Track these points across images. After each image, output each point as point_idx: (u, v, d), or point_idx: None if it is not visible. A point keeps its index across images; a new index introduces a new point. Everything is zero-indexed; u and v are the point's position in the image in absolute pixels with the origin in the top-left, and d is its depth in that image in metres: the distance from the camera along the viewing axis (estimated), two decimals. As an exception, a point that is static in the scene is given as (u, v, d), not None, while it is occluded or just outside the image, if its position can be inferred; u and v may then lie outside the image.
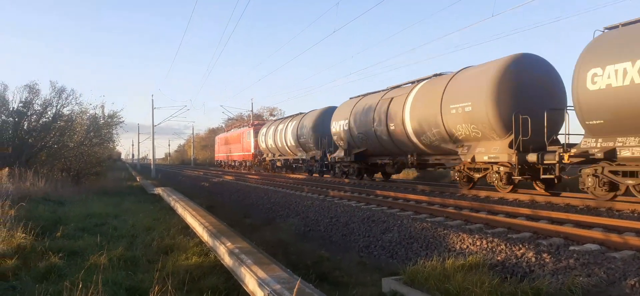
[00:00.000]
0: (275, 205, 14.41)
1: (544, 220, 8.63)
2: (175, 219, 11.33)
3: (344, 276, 6.82)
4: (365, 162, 21.15)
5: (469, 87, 13.64)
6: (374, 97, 19.72)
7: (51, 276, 6.25)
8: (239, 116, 69.01)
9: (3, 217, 8.55)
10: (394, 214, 9.94)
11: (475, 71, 14.09)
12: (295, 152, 29.45)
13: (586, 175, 10.36)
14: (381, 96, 19.13)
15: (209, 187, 24.99)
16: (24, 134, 21.23)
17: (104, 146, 30.20)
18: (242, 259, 5.81)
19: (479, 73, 13.69)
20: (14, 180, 15.27)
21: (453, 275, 5.38)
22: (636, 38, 9.27)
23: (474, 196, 12.94)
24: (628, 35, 9.51)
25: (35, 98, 21.51)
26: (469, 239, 7.22)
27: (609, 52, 9.63)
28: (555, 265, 5.70)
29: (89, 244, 8.12)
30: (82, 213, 11.75)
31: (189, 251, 7.70)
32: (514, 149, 12.02)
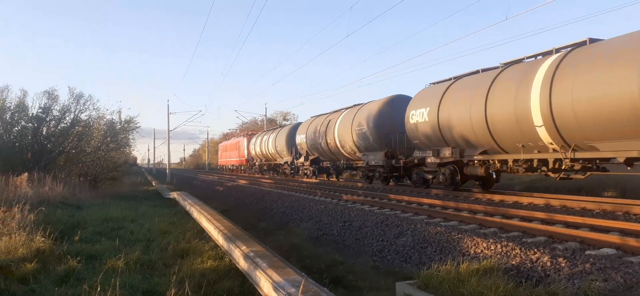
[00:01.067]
0: (289, 209, 14.46)
1: (559, 224, 8.56)
2: (191, 223, 11.44)
3: (357, 280, 6.84)
4: (318, 165, 27.71)
5: (364, 117, 20.60)
6: (320, 119, 26.56)
7: (70, 280, 6.36)
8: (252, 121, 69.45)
9: (23, 221, 8.70)
10: (407, 219, 9.92)
11: (370, 105, 20.91)
12: (275, 157, 35.86)
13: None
14: (324, 118, 25.95)
15: (223, 191, 25.16)
16: (43, 140, 21.59)
17: (120, 151, 30.59)
18: (256, 263, 5.86)
19: (371, 107, 20.66)
20: (33, 185, 15.53)
21: (467, 279, 5.37)
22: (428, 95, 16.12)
23: (488, 200, 12.86)
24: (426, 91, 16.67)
25: (54, 104, 21.88)
26: (483, 244, 7.19)
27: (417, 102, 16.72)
28: (571, 269, 5.65)
29: (107, 248, 8.24)
30: (100, 217, 11.91)
31: (204, 255, 7.78)
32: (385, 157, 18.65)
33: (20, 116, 21.14)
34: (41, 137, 21.52)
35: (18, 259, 6.78)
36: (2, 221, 8.50)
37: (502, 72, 13.20)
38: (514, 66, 13.08)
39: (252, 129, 59.02)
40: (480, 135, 13.48)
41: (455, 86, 15.23)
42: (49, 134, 22.01)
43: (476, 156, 14.00)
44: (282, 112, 72.66)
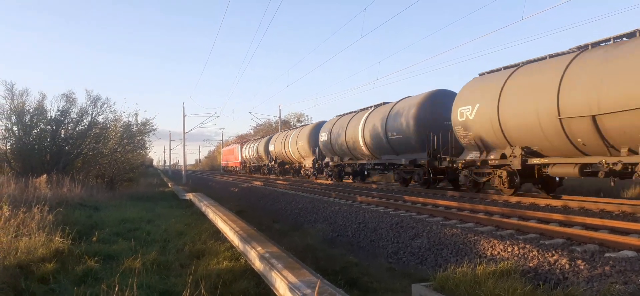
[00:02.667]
0: (303, 210, 14.48)
1: (578, 226, 8.44)
2: (206, 224, 11.51)
3: (373, 282, 6.82)
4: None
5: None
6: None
7: (88, 280, 6.45)
8: (267, 122, 69.64)
9: (42, 222, 8.84)
10: (423, 220, 9.87)
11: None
12: (259, 161, 47.30)
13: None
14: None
15: (238, 192, 25.28)
16: (61, 142, 21.92)
17: (136, 152, 30.97)
18: (272, 263, 5.88)
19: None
20: (51, 186, 15.77)
21: (484, 282, 5.32)
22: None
23: (504, 201, 12.73)
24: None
25: (71, 107, 22.22)
26: (500, 246, 7.12)
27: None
28: (590, 272, 5.57)
29: (124, 248, 8.32)
30: (117, 218, 12.04)
31: (220, 256, 7.82)
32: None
33: (39, 118, 21.51)
34: (59, 140, 21.85)
35: (38, 259, 6.89)
36: (22, 221, 8.63)
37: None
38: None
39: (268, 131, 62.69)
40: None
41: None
42: (67, 137, 22.34)
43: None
44: (296, 113, 72.76)
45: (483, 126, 13.74)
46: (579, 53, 11.19)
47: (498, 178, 13.72)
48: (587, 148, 10.80)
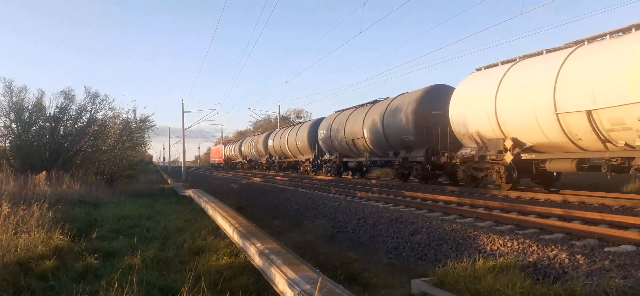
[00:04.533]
0: (303, 207, 14.49)
1: (577, 221, 8.44)
2: (206, 220, 11.52)
3: (372, 278, 6.83)
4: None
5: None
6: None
7: (88, 276, 6.44)
8: (266, 119, 69.63)
9: (41, 219, 8.84)
10: (422, 216, 9.88)
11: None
12: (237, 157, 58.44)
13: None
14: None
15: (237, 189, 25.29)
16: (60, 139, 21.89)
17: (136, 149, 30.94)
18: (271, 259, 5.89)
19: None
20: (51, 183, 15.76)
21: (484, 276, 5.32)
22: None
23: (504, 196, 12.74)
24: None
25: (70, 104, 22.18)
26: (499, 241, 7.13)
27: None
28: (589, 266, 5.58)
29: (123, 245, 8.33)
30: (116, 215, 12.05)
31: (219, 252, 7.82)
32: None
33: (38, 115, 21.48)
34: (58, 137, 21.83)
35: (37, 256, 6.89)
36: (21, 219, 8.63)
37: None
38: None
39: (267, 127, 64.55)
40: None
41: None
42: (66, 134, 22.31)
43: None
44: (296, 109, 72.75)
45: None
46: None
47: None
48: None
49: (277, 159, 39.21)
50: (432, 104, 17.64)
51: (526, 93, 11.95)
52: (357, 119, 22.64)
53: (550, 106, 11.09)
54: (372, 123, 20.89)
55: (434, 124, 16.89)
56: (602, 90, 9.83)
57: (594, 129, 10.25)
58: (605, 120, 9.92)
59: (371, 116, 21.20)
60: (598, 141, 10.43)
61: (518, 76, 12.61)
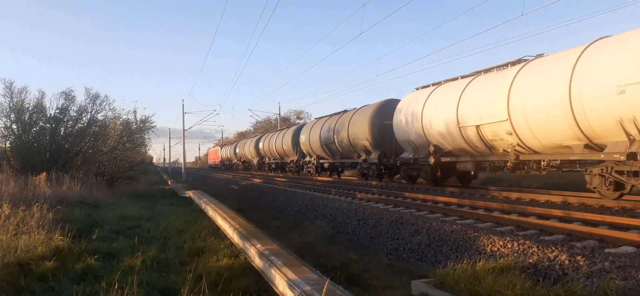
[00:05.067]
0: (303, 208, 14.48)
1: (578, 222, 8.44)
2: (206, 221, 11.51)
3: (372, 279, 6.82)
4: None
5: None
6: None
7: (88, 278, 6.44)
8: (266, 120, 69.62)
9: (42, 220, 8.84)
10: (422, 217, 9.87)
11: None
12: (233, 158, 60.67)
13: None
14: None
15: (237, 190, 25.29)
16: (61, 140, 21.89)
17: (136, 150, 30.94)
18: (272, 261, 5.88)
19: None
20: (51, 184, 15.76)
21: (484, 278, 5.32)
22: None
23: (504, 197, 12.74)
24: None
25: (71, 105, 22.17)
26: (499, 242, 7.12)
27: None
28: (589, 267, 5.57)
29: (124, 246, 8.33)
30: (117, 216, 12.05)
31: (219, 253, 7.81)
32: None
33: (39, 116, 21.48)
34: (59, 138, 21.83)
35: (37, 257, 6.89)
36: (21, 220, 8.64)
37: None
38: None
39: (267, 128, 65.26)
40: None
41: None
42: (67, 134, 22.31)
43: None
44: (296, 110, 72.81)
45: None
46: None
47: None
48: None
49: (267, 160, 43.05)
50: (385, 115, 20.85)
51: (442, 110, 15.62)
52: (330, 127, 26.24)
53: (455, 120, 14.70)
54: (341, 130, 24.52)
55: (387, 132, 20.49)
56: (485, 110, 13.36)
57: (482, 139, 13.81)
58: (488, 132, 13.51)
59: (340, 123, 24.81)
60: (485, 147, 13.99)
61: (438, 96, 16.37)
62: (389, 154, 20.51)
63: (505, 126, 12.52)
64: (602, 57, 10.05)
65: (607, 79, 9.68)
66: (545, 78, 11.45)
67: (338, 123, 25.14)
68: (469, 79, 15.01)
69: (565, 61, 11.01)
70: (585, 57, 10.47)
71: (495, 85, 13.24)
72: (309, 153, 30.49)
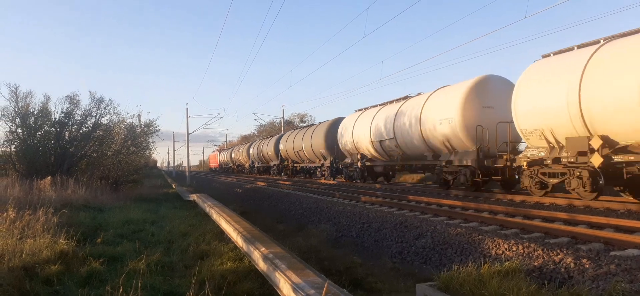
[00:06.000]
0: (307, 211, 14.47)
1: (583, 225, 8.40)
2: (210, 224, 11.52)
3: (377, 282, 6.81)
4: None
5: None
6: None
7: (92, 281, 6.46)
8: (270, 123, 69.71)
9: (47, 224, 8.86)
10: (427, 220, 9.85)
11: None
12: (229, 161, 65.33)
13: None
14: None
15: (241, 193, 25.29)
16: (66, 144, 21.95)
17: (140, 154, 31.01)
18: (276, 264, 5.88)
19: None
20: (56, 188, 15.80)
21: (489, 281, 5.30)
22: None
23: (509, 200, 12.70)
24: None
25: (75, 109, 22.25)
26: (504, 245, 7.10)
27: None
28: (595, 270, 5.54)
29: (128, 250, 8.34)
30: (121, 220, 12.07)
31: (224, 256, 7.83)
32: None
33: (44, 120, 21.55)
34: (64, 142, 21.89)
35: (42, 261, 6.91)
36: (27, 224, 8.66)
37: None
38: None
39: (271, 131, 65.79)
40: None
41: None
42: (71, 138, 22.37)
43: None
44: (300, 114, 72.88)
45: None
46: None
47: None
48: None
49: (256, 164, 49.35)
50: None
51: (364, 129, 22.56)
52: (305, 136, 32.23)
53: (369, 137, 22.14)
54: (303, 141, 31.79)
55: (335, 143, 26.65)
56: (383, 131, 20.87)
57: (383, 149, 21.32)
58: (385, 145, 20.96)
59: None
60: (387, 156, 21.09)
61: (362, 119, 23.48)
62: (338, 159, 27.09)
63: (393, 142, 19.14)
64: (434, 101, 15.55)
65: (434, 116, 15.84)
66: (412, 112, 17.54)
67: (306, 134, 32.04)
68: (378, 108, 21.92)
69: (421, 101, 16.77)
70: (429, 99, 17.64)
71: (386, 115, 20.21)
72: (286, 158, 37.60)
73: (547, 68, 12.10)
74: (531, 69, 12.65)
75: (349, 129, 24.05)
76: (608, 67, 10.23)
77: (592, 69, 10.54)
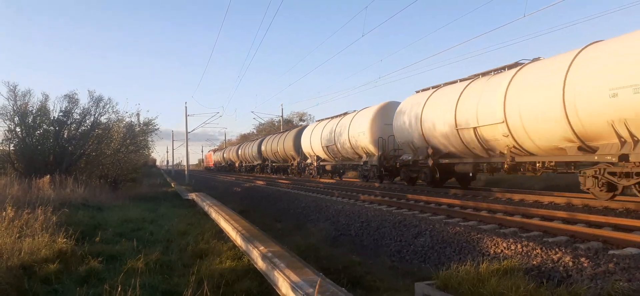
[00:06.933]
0: (306, 210, 14.47)
1: (581, 223, 8.41)
2: (209, 223, 11.52)
3: (376, 281, 6.81)
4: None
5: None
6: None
7: (91, 280, 6.46)
8: (269, 122, 69.73)
9: (45, 223, 8.85)
10: (425, 219, 9.85)
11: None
12: (222, 161, 70.23)
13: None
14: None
15: (240, 192, 25.29)
16: (64, 143, 21.94)
17: (139, 153, 30.98)
18: (275, 263, 5.88)
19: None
20: (55, 187, 15.80)
21: (487, 280, 5.30)
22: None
23: (507, 199, 12.71)
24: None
25: (74, 107, 22.23)
26: (503, 243, 7.10)
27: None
28: (594, 269, 5.55)
29: (127, 248, 8.34)
30: (120, 219, 12.07)
31: (222, 255, 7.83)
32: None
33: (42, 119, 21.53)
34: (62, 140, 21.87)
35: (41, 260, 6.91)
36: (25, 222, 8.65)
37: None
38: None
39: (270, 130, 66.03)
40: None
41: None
42: (70, 137, 22.36)
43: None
44: (299, 113, 72.89)
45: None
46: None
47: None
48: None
49: (244, 164, 55.41)
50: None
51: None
52: (280, 140, 38.02)
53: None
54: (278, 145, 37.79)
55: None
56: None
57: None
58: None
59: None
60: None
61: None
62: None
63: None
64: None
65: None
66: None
67: (280, 139, 35.73)
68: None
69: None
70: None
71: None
72: (265, 159, 43.24)
73: (412, 100, 18.26)
74: (405, 101, 18.98)
75: (307, 136, 29.79)
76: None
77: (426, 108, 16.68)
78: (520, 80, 12.39)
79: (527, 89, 11.97)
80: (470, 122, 14.06)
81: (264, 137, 47.51)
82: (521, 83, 12.27)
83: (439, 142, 16.07)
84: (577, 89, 10.35)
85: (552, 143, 11.51)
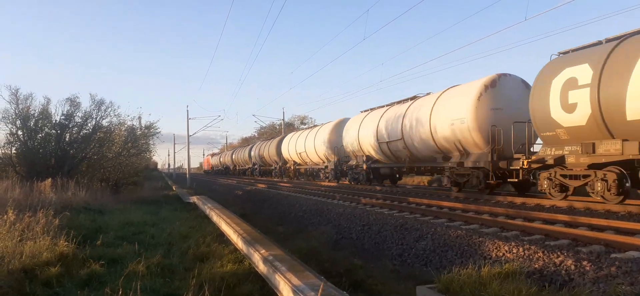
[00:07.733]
0: (307, 213, 14.46)
1: (583, 227, 8.38)
2: (211, 227, 11.51)
3: (377, 284, 6.80)
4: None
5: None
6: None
7: (92, 283, 6.46)
8: (270, 125, 69.78)
9: (47, 226, 8.85)
10: (427, 222, 9.83)
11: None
12: (219, 164, 75.04)
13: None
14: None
15: (242, 195, 25.28)
16: (66, 146, 21.98)
17: (141, 156, 31.02)
18: (276, 266, 5.87)
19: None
20: (56, 190, 15.81)
21: (489, 283, 5.28)
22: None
23: (509, 202, 12.68)
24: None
25: (76, 111, 22.31)
26: (505, 247, 7.08)
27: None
28: (596, 273, 5.53)
29: (128, 252, 8.34)
30: (121, 222, 12.06)
31: (224, 259, 7.82)
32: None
33: (44, 122, 21.59)
34: (64, 144, 21.92)
35: (42, 263, 6.91)
36: (27, 226, 8.66)
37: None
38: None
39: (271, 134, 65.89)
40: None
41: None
42: (72, 141, 22.40)
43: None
44: (300, 116, 72.99)
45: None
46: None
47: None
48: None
49: (237, 167, 60.90)
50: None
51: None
52: (264, 147, 43.29)
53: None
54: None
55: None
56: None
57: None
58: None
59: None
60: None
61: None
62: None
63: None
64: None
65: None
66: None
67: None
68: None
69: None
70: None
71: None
72: (257, 163, 47.06)
73: (355, 119, 24.48)
74: (351, 120, 24.79)
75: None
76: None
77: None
78: (411, 110, 18.12)
79: (414, 117, 17.50)
80: (384, 138, 20.16)
81: (253, 145, 53.75)
82: (411, 113, 17.93)
83: (369, 153, 22.34)
84: (436, 121, 15.95)
85: (429, 154, 17.22)
